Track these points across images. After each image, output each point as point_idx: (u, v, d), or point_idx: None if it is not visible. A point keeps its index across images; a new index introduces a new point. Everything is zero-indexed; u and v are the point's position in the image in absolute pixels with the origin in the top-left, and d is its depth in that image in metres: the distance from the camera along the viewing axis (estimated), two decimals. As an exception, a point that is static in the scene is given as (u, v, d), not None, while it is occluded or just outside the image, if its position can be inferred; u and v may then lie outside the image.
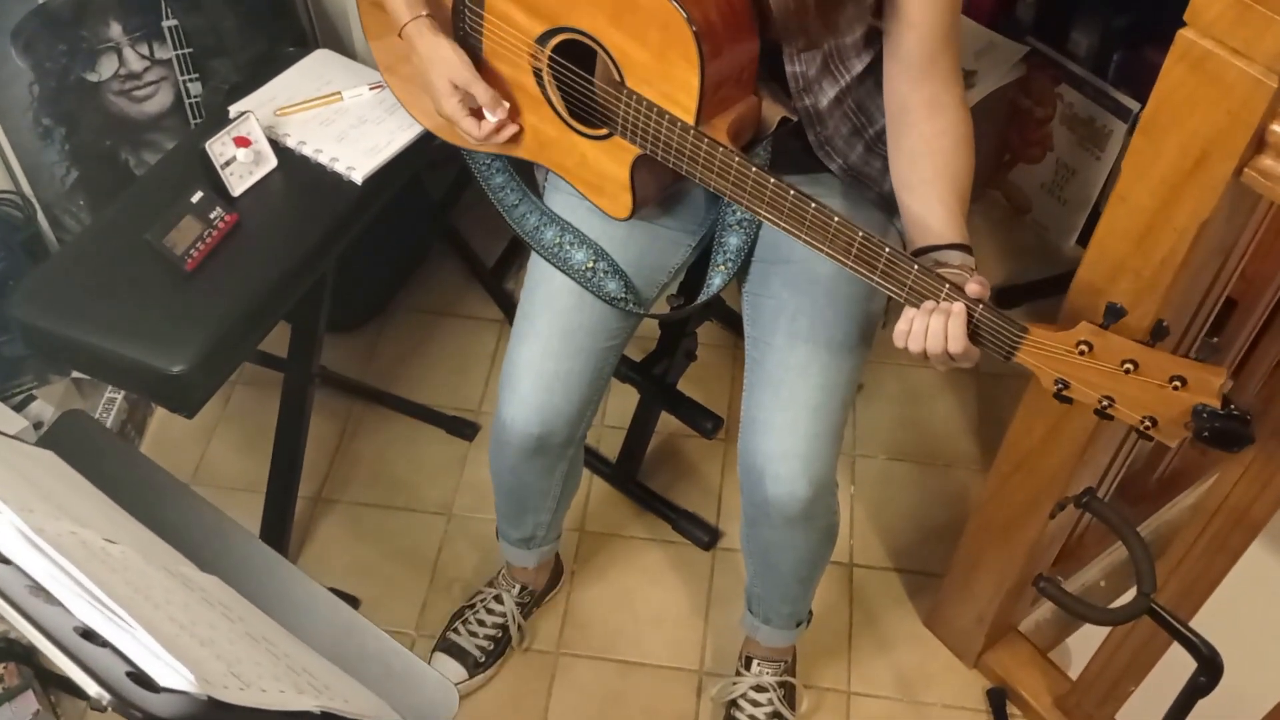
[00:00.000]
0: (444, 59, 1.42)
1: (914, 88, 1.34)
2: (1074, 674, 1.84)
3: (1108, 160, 2.28)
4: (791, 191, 1.23)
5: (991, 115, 2.33)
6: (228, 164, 1.66)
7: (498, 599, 1.91)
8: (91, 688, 0.80)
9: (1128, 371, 1.10)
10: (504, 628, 1.91)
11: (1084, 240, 2.39)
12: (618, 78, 1.32)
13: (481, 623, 1.91)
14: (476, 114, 1.46)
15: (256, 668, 0.97)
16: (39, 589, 0.88)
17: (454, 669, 1.87)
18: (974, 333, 1.18)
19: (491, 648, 1.90)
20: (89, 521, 1.07)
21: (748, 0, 1.28)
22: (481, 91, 1.43)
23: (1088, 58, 2.25)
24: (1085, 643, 1.97)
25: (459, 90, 1.43)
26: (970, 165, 1.35)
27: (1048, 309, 2.28)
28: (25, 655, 1.69)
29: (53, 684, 1.77)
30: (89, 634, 0.85)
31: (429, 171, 2.24)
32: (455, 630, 1.91)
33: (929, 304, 1.19)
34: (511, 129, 1.47)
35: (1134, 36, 2.17)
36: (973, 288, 1.17)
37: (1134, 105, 2.17)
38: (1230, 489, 1.41)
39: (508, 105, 1.45)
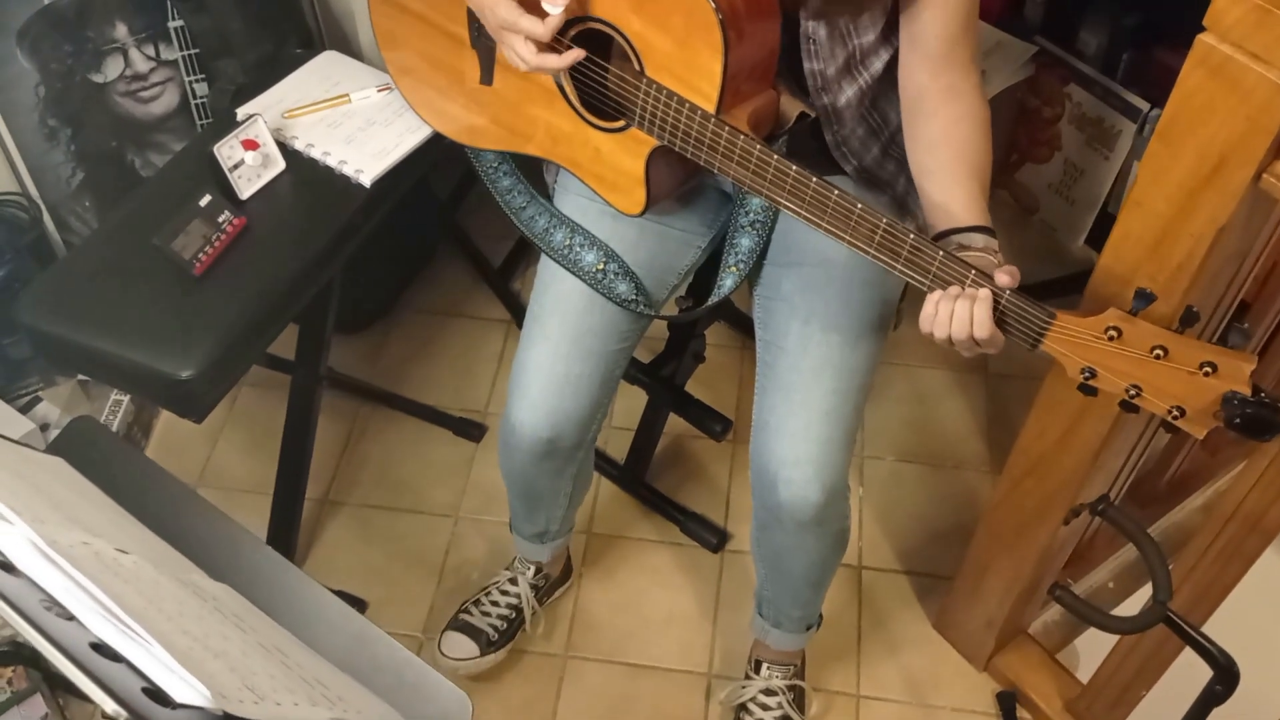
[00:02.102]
0: None
1: (933, 76, 1.33)
2: (1082, 675, 1.84)
3: (1116, 160, 2.27)
4: (813, 180, 1.21)
5: (1000, 115, 2.29)
6: (236, 167, 1.65)
7: (512, 580, 1.90)
8: (108, 704, 0.79)
9: (1158, 358, 1.08)
10: (518, 609, 1.90)
11: (1092, 240, 2.39)
12: (637, 67, 1.31)
13: (495, 603, 1.90)
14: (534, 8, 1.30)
15: (270, 680, 0.96)
16: (53, 603, 0.87)
17: (466, 645, 1.86)
18: (1000, 319, 1.17)
19: (504, 627, 1.89)
20: (100, 531, 1.06)
21: None
22: None
23: (1097, 57, 2.23)
24: (1094, 644, 1.96)
25: None
26: (989, 151, 1.34)
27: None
28: (33, 659, 1.69)
29: (61, 688, 1.77)
30: (103, 649, 0.84)
31: (434, 171, 2.23)
32: (468, 611, 1.90)
33: (954, 288, 1.17)
34: (576, 53, 1.30)
35: (1144, 36, 2.16)
36: (1002, 279, 1.15)
37: (1143, 105, 2.16)
38: (1245, 494, 1.40)
39: None
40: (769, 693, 1.79)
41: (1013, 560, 1.68)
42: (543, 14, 1.28)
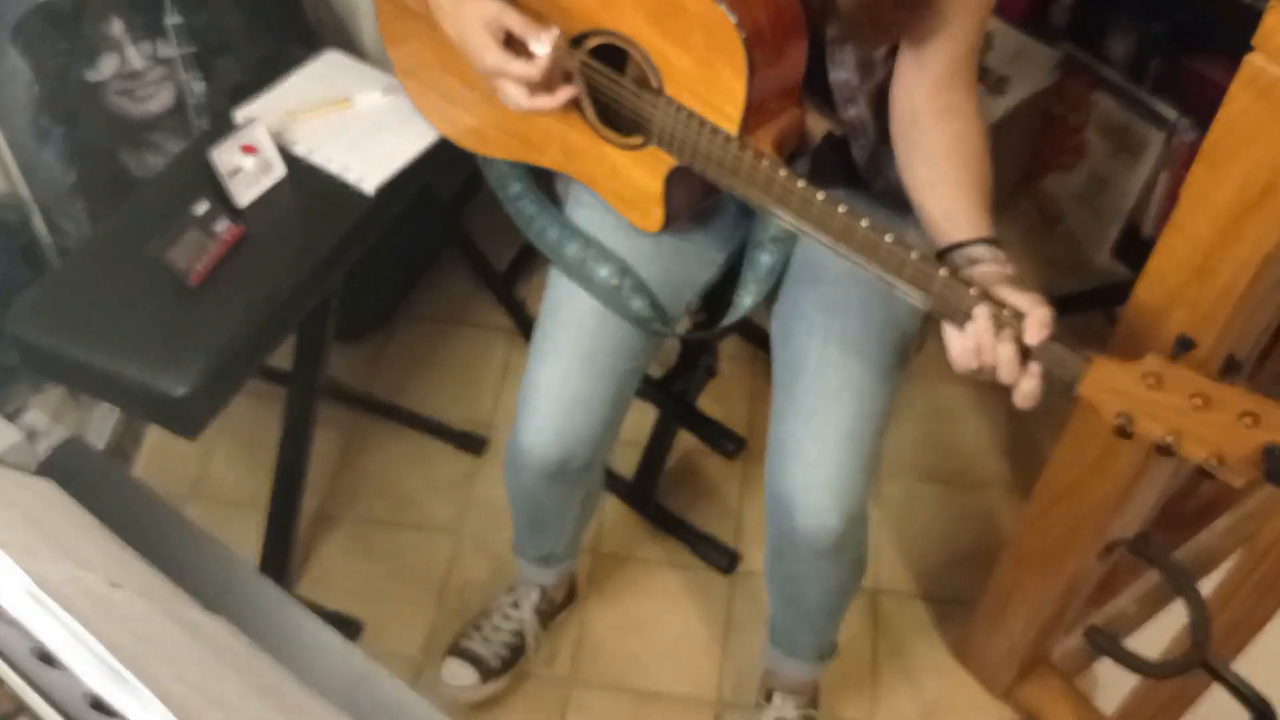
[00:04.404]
0: (472, 9, 1.27)
1: (931, 98, 1.26)
2: (1100, 699, 1.79)
3: (1143, 170, 2.21)
4: (840, 208, 1.16)
5: (1024, 122, 2.27)
6: (234, 173, 1.59)
7: (515, 605, 1.85)
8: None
9: (1197, 407, 1.03)
10: (520, 634, 1.85)
11: (1117, 252, 2.34)
12: (656, 84, 1.25)
13: (497, 629, 1.84)
14: (524, 55, 1.28)
15: (267, 730, 0.91)
16: (43, 651, 0.82)
17: (467, 673, 1.81)
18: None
19: (507, 654, 1.83)
20: (91, 562, 1.01)
21: (798, 7, 1.20)
22: (515, 19, 1.26)
23: (1124, 64, 2.18)
24: (1113, 669, 1.91)
25: (495, 32, 1.27)
26: (989, 169, 1.27)
27: (1079, 325, 2.21)
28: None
29: (48, 710, 1.71)
30: (97, 702, 0.79)
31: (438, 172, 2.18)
32: (469, 635, 1.84)
33: (983, 310, 1.10)
34: (570, 90, 1.30)
35: (1173, 43, 2.10)
36: (1032, 333, 1.08)
37: (1171, 114, 2.11)
38: (1283, 531, 1.35)
39: (555, 30, 1.25)
40: (781, 723, 1.74)
41: (1039, 589, 1.63)
42: (531, 54, 1.25)
